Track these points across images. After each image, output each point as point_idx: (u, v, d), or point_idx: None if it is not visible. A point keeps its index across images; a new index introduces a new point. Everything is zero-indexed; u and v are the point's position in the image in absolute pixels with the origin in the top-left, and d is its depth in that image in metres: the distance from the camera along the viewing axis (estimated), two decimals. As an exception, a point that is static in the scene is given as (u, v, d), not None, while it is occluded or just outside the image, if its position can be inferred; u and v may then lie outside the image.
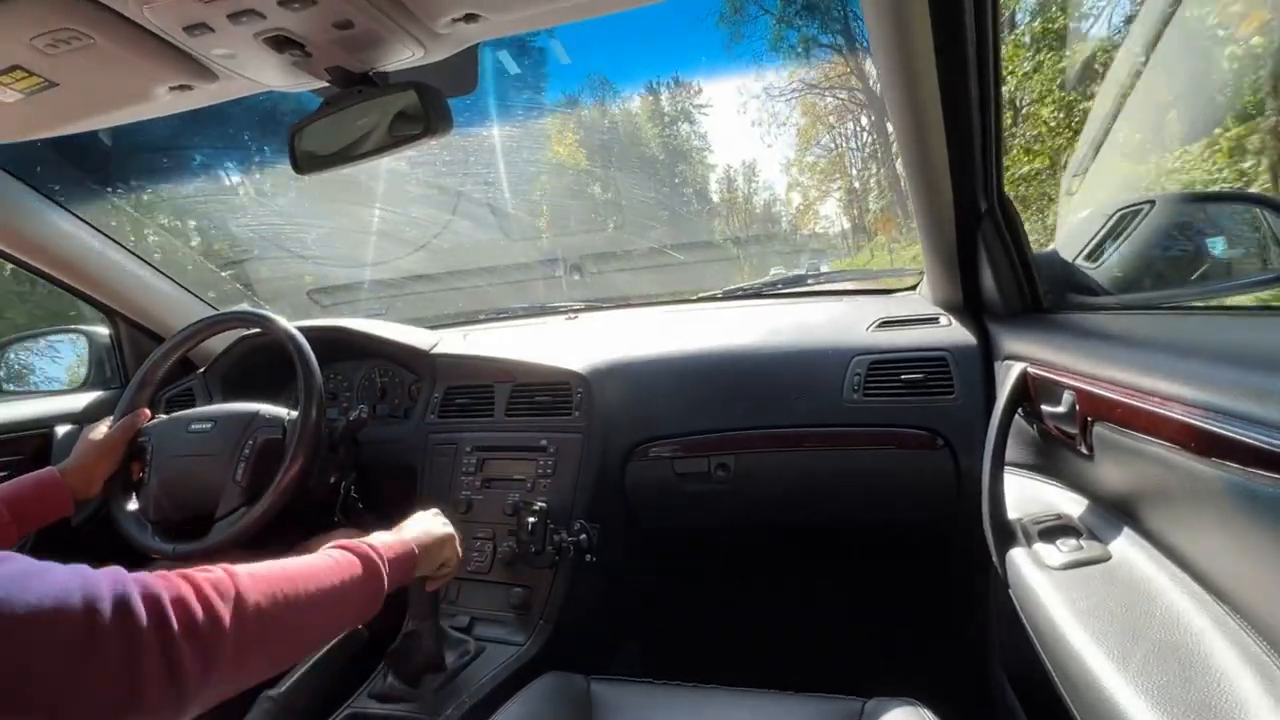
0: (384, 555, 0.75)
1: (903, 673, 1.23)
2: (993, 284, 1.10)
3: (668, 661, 1.59)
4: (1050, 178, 5.02)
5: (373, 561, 0.72)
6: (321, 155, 0.92)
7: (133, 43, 0.74)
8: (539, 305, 1.90)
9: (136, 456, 1.20)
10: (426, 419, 1.41)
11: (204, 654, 0.52)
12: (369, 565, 0.72)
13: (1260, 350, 0.58)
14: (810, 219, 11.76)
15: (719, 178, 13.11)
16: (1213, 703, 0.49)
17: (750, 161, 13.14)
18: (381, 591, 0.73)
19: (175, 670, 0.50)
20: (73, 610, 0.47)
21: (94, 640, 0.47)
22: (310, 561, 0.66)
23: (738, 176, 12.89)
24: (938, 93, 0.84)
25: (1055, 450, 0.89)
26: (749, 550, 1.65)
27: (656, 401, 1.31)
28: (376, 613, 0.72)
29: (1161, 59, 2.69)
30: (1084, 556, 0.71)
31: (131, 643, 0.48)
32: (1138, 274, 1.08)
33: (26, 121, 0.92)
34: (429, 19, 0.76)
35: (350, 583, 0.68)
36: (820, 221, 11.60)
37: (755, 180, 12.84)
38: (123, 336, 1.65)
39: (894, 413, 1.19)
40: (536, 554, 1.17)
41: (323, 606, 0.63)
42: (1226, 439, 0.51)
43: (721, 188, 12.95)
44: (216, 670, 0.52)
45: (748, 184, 12.85)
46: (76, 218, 1.45)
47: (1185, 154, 3.39)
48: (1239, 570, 0.55)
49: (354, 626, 0.70)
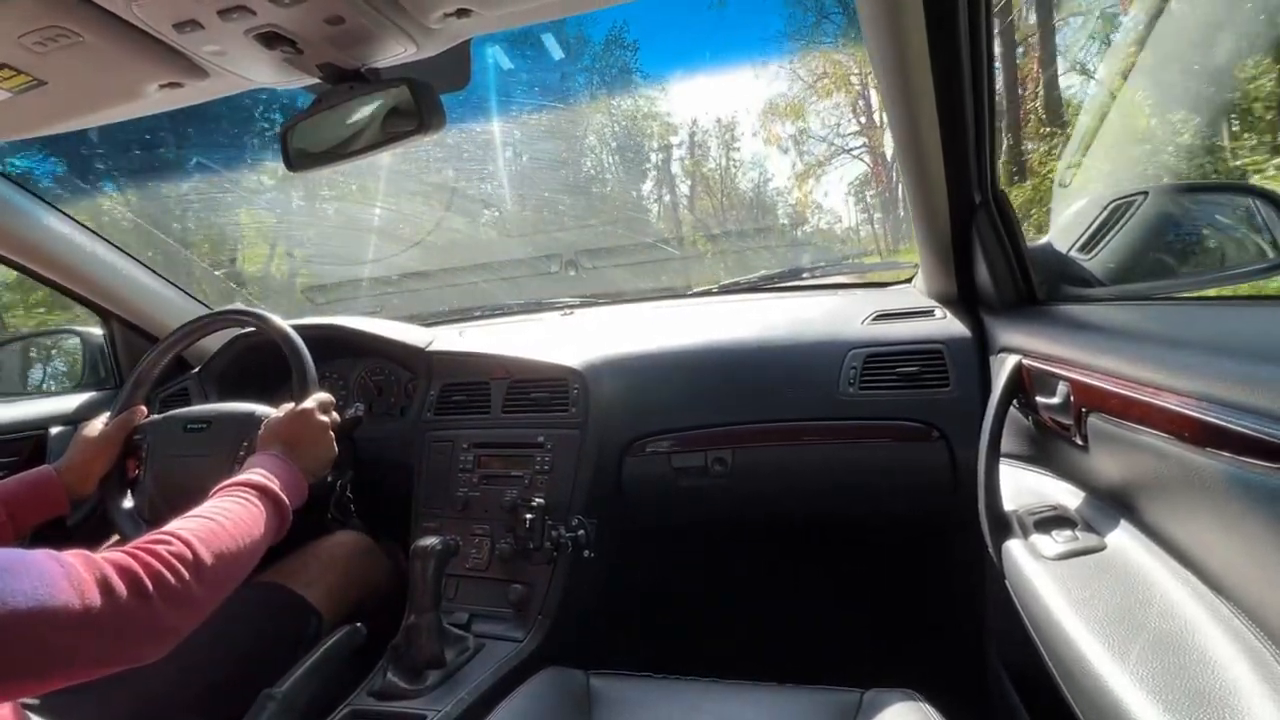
0: (279, 485, 0.88)
1: (900, 664, 1.24)
2: (987, 276, 1.10)
3: (666, 655, 1.60)
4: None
5: (277, 495, 0.87)
6: (314, 153, 0.92)
7: (122, 40, 0.73)
8: (535, 301, 1.89)
9: (132, 455, 1.19)
10: (423, 416, 1.41)
11: (178, 608, 0.66)
12: (275, 500, 0.86)
13: (1253, 340, 0.59)
14: (812, 213, 11.74)
15: (713, 169, 13.10)
16: (1208, 691, 0.49)
17: (750, 154, 13.12)
18: (288, 517, 0.88)
19: (157, 624, 0.65)
20: (67, 597, 0.58)
21: (89, 617, 0.59)
22: (234, 511, 0.79)
23: (735, 168, 12.88)
24: (932, 86, 0.84)
25: (1050, 441, 0.90)
26: (746, 544, 1.66)
27: (653, 397, 1.31)
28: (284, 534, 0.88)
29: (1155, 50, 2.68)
30: (1079, 547, 0.71)
31: (120, 612, 0.61)
32: (1132, 265, 1.08)
33: (15, 120, 0.92)
34: (421, 14, 0.75)
35: (266, 520, 0.83)
36: (824, 216, 11.58)
37: (751, 171, 12.84)
38: (117, 337, 1.64)
39: (890, 405, 1.20)
40: (534, 550, 1.17)
41: (252, 548, 0.79)
42: (1220, 428, 0.51)
43: (716, 179, 12.94)
44: (190, 616, 0.69)
45: (742, 174, 12.84)
46: (68, 218, 1.44)
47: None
48: (1234, 559, 0.55)
49: (271, 544, 0.85)
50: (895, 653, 1.49)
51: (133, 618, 0.62)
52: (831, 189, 12.11)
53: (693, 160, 12.39)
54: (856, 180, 10.58)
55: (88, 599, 0.59)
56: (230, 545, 0.75)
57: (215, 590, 0.72)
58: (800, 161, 11.37)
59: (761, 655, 1.59)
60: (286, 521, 0.88)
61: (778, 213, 11.68)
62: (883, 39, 0.81)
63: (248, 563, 0.79)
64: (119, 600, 0.61)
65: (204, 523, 0.75)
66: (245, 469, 0.90)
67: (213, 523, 0.76)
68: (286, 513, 0.88)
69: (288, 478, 0.91)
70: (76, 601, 0.58)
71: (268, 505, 0.85)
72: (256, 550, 0.80)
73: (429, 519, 1.31)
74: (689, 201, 12.17)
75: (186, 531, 0.72)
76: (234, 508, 0.81)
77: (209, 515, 0.77)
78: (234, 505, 0.81)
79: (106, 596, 0.61)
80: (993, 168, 1.00)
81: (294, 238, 5.46)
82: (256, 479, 0.87)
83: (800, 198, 11.61)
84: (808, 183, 11.34)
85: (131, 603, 0.62)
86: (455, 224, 5.52)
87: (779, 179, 12.28)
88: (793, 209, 11.65)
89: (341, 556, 1.25)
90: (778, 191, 12.13)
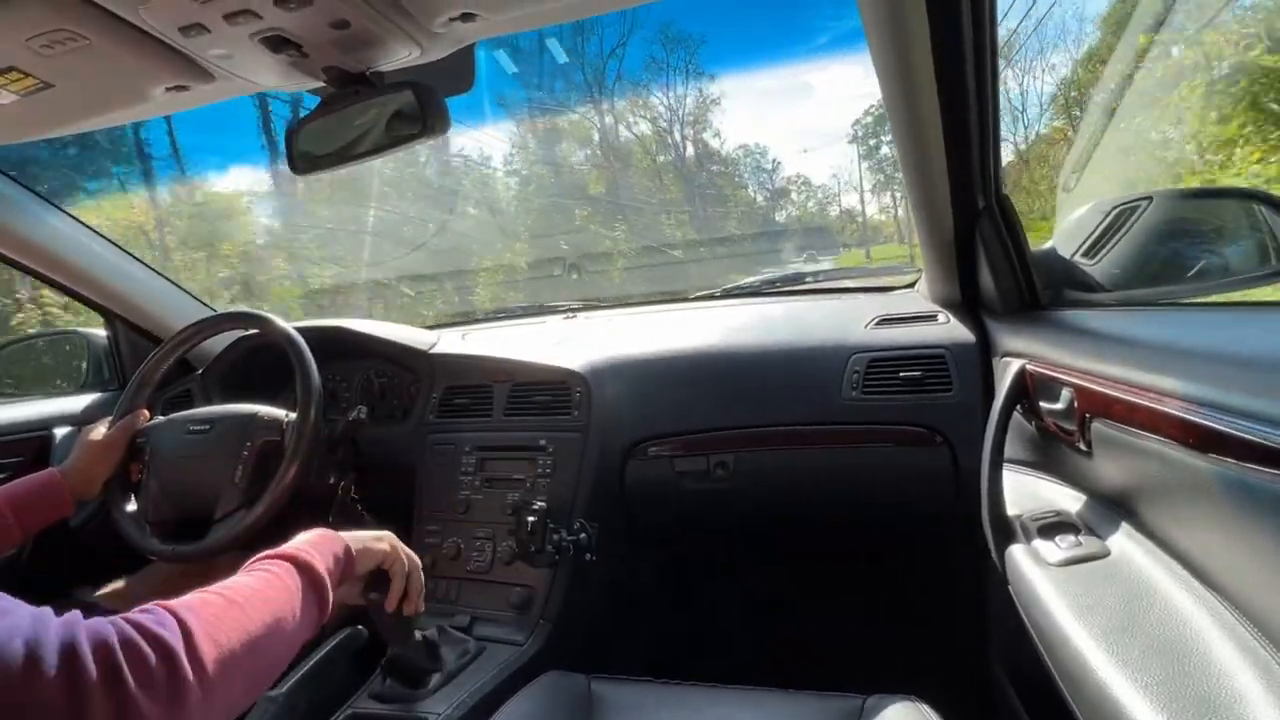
0: (321, 557, 0.71)
1: (902, 670, 1.23)
2: (991, 281, 1.10)
3: (668, 660, 1.60)
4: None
5: (313, 568, 0.69)
6: (318, 156, 0.92)
7: (128, 43, 0.73)
8: (537, 304, 1.90)
9: (135, 457, 1.19)
10: (425, 419, 1.41)
11: (164, 704, 0.50)
12: (311, 574, 0.68)
13: (1258, 346, 0.58)
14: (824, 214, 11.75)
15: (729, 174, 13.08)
16: (1211, 698, 0.49)
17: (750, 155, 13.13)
18: (329, 598, 0.69)
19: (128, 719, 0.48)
20: (11, 658, 0.44)
21: (33, 689, 0.45)
22: (253, 584, 0.64)
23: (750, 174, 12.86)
24: (935, 89, 0.84)
25: (1054, 447, 0.89)
26: (748, 548, 1.65)
27: (655, 400, 1.31)
28: (328, 620, 0.70)
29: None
30: (1083, 553, 0.71)
31: (75, 693, 0.46)
32: (1135, 270, 1.08)
33: (23, 123, 0.92)
34: (426, 18, 0.76)
35: (297, 596, 0.65)
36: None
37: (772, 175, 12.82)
38: (120, 338, 1.65)
39: (893, 410, 1.19)
40: (536, 554, 1.17)
41: (276, 629, 0.61)
42: (1224, 434, 0.51)
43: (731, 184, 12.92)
44: (183, 716, 0.51)
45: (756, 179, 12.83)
46: (72, 218, 1.44)
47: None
48: (1237, 565, 0.55)
49: (309, 638, 0.68)
50: (897, 658, 1.48)
51: (93, 708, 0.46)
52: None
53: (697, 163, 12.39)
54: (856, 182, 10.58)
55: (38, 670, 0.45)
56: (240, 618, 0.58)
57: (222, 687, 0.54)
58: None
59: (763, 660, 1.59)
60: (327, 607, 0.69)
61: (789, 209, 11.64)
62: (885, 43, 0.81)
63: (271, 652, 0.61)
64: (79, 682, 0.46)
65: (219, 598, 0.59)
66: (290, 543, 0.73)
67: (222, 599, 0.59)
68: (325, 585, 0.69)
69: (335, 550, 0.74)
70: (22, 670, 0.44)
71: (303, 583, 0.67)
72: (284, 638, 0.62)
73: (431, 521, 1.31)
74: (699, 203, 12.16)
75: (190, 608, 0.56)
76: (259, 585, 0.64)
77: (224, 592, 0.61)
78: (259, 582, 0.64)
79: (65, 674, 0.46)
80: (996, 172, 1.00)
81: (297, 241, 5.47)
82: (291, 551, 0.70)
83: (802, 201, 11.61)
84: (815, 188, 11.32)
85: (96, 690, 0.47)
86: (459, 227, 5.54)
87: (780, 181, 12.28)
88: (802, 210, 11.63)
89: None
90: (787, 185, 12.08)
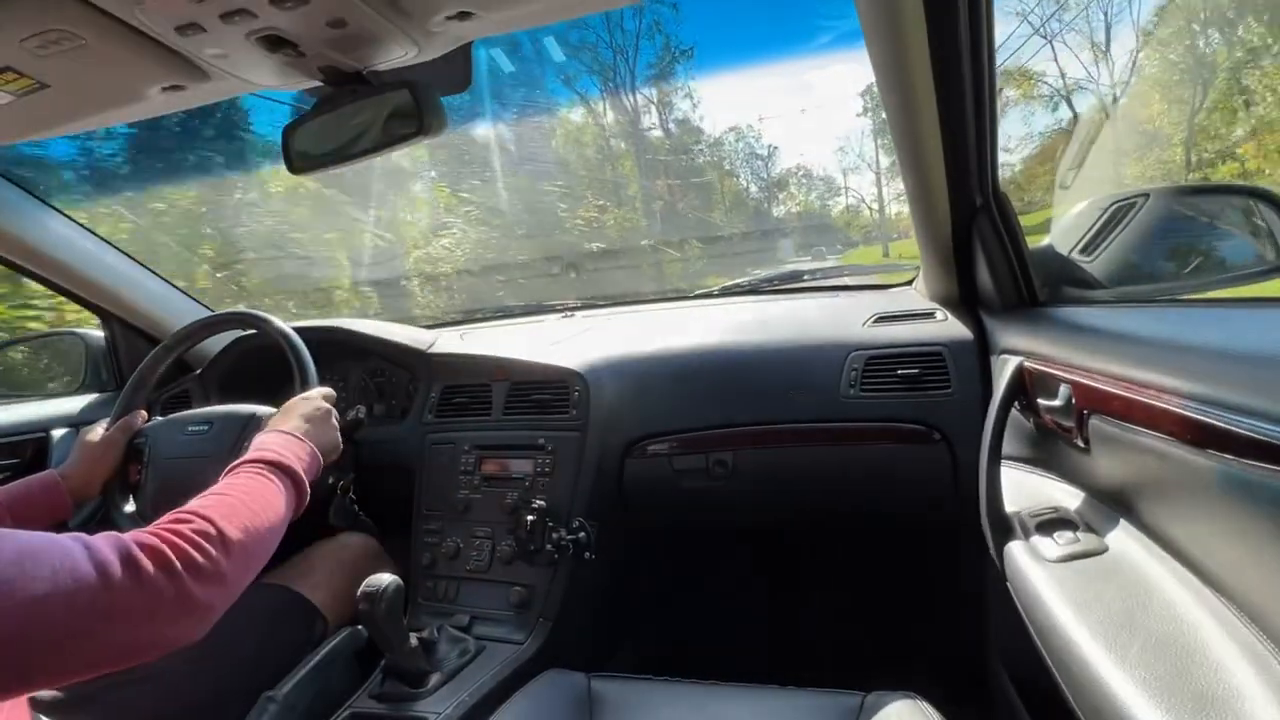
0: (294, 460, 0.87)
1: (901, 666, 1.24)
2: (988, 278, 1.10)
3: (668, 658, 1.60)
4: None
5: (296, 473, 0.86)
6: (315, 155, 0.92)
7: (124, 43, 0.73)
8: (536, 303, 1.90)
9: (134, 458, 1.19)
10: (424, 419, 1.41)
11: (208, 584, 0.64)
12: (294, 477, 0.86)
13: (1255, 342, 0.58)
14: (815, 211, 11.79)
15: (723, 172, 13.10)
16: (1210, 693, 0.49)
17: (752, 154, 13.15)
18: (306, 494, 0.87)
19: (188, 603, 0.63)
20: (88, 578, 0.56)
21: (113, 597, 0.57)
22: (247, 485, 0.79)
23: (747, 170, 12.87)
24: (932, 87, 0.84)
25: (1052, 443, 0.90)
26: (747, 546, 1.66)
27: (654, 399, 1.31)
28: (301, 509, 0.87)
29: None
30: (1081, 549, 0.71)
31: (147, 591, 0.59)
32: (1133, 267, 1.08)
33: (18, 123, 0.92)
34: (422, 17, 0.75)
35: (286, 496, 0.82)
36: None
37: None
38: (118, 339, 1.65)
39: (891, 407, 1.19)
40: (535, 553, 1.17)
41: (275, 523, 0.78)
42: (1222, 430, 0.51)
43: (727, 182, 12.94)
44: (222, 593, 0.67)
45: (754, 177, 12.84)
46: (70, 220, 1.44)
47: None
48: (1236, 561, 0.55)
49: (291, 521, 0.84)
50: (896, 655, 1.48)
51: (163, 596, 0.60)
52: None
53: (698, 162, 12.38)
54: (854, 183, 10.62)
55: (112, 579, 0.57)
56: (253, 521, 0.73)
57: (244, 565, 0.71)
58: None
59: (763, 657, 1.59)
60: (305, 496, 0.87)
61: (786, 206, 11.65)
62: (883, 41, 0.81)
63: (272, 538, 0.77)
64: (146, 578, 0.59)
65: (223, 499, 0.74)
66: (255, 448, 0.88)
67: (231, 498, 0.74)
68: (304, 487, 0.87)
69: (302, 453, 0.90)
70: (100, 582, 0.56)
71: (285, 480, 0.84)
72: (278, 525, 0.79)
73: (430, 521, 1.32)
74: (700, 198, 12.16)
75: (207, 509, 0.70)
76: (251, 484, 0.79)
77: (226, 493, 0.75)
78: (250, 482, 0.80)
79: (132, 575, 0.59)
80: (993, 170, 1.00)
81: (294, 240, 5.46)
82: (269, 455, 0.85)
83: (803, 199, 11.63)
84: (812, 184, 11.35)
85: (160, 580, 0.60)
86: (458, 227, 5.53)
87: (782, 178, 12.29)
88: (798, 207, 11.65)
89: (348, 560, 1.25)
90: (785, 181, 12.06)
